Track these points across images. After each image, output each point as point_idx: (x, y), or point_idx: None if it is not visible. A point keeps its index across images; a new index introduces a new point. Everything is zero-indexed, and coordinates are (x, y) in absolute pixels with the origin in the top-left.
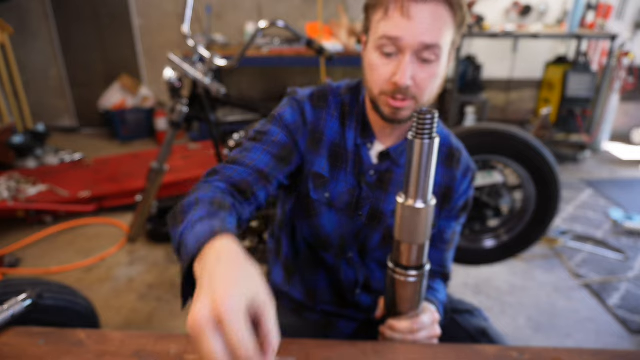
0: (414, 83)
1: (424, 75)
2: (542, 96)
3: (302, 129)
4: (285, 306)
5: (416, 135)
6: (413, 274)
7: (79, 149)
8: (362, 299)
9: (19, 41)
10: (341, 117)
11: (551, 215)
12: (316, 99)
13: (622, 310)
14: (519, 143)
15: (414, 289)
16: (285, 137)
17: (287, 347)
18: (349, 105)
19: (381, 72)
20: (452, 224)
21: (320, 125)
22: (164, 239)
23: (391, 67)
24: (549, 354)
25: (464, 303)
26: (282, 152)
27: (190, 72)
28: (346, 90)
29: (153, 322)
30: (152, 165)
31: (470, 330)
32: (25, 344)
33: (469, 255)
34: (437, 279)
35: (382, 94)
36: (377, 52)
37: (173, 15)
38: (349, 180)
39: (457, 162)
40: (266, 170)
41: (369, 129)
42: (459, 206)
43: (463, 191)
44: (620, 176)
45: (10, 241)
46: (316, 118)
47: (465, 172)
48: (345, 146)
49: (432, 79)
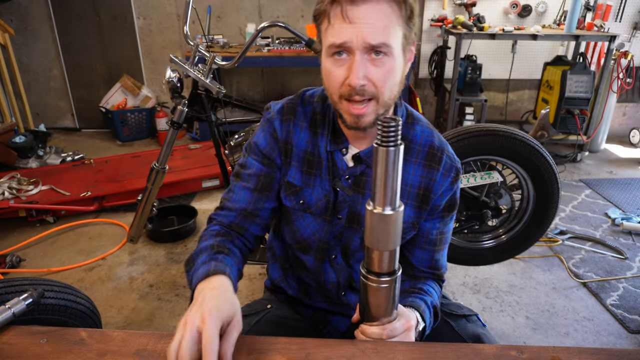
0: (370, 82)
1: (378, 73)
2: (541, 96)
3: (275, 147)
4: (283, 300)
5: (381, 143)
6: (384, 280)
7: (80, 149)
8: (352, 299)
9: (20, 42)
10: (312, 125)
11: (550, 215)
12: (285, 112)
13: (620, 310)
14: (518, 143)
15: (385, 294)
16: (261, 165)
17: (287, 346)
18: (320, 114)
19: (336, 76)
20: (437, 225)
21: (290, 137)
22: (165, 239)
23: (344, 70)
24: (548, 353)
25: (461, 307)
26: (260, 182)
27: (190, 72)
28: (318, 98)
29: (154, 322)
30: (153, 165)
31: (465, 337)
32: (27, 343)
33: (468, 255)
34: (429, 280)
35: (341, 98)
36: (330, 59)
37: (174, 15)
38: (325, 186)
39: (437, 162)
40: (249, 208)
41: (340, 134)
42: (441, 206)
43: (443, 191)
44: (618, 176)
45: (12, 241)
46: (286, 132)
47: (447, 172)
48: (318, 153)
49: (387, 76)
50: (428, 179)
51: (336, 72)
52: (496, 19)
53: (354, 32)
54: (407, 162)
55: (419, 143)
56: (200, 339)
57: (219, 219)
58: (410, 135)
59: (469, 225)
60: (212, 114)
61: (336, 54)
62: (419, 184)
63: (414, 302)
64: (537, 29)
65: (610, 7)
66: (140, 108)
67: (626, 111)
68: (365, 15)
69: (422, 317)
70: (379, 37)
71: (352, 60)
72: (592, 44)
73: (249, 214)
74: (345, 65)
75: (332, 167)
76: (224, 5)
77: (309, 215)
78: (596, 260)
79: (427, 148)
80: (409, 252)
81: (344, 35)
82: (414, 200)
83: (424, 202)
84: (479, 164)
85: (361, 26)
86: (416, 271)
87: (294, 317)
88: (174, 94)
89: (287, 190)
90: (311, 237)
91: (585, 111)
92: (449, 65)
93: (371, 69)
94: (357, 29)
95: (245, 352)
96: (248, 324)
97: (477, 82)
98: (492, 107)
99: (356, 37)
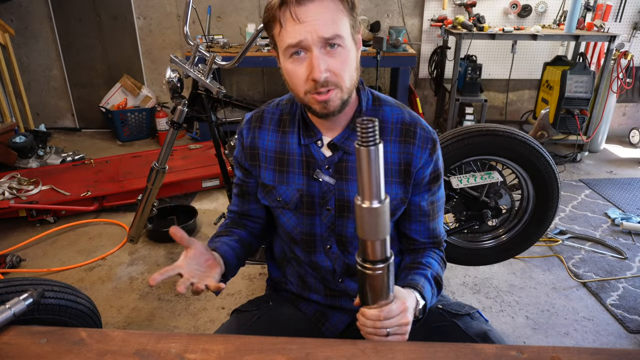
0: (331, 73)
1: (336, 63)
2: (540, 96)
3: (243, 154)
4: (284, 297)
5: (361, 144)
6: (378, 267)
7: (80, 149)
8: (350, 286)
9: (21, 42)
10: (281, 126)
11: (550, 215)
12: (253, 120)
13: (620, 310)
14: (518, 143)
15: (380, 280)
16: (241, 173)
17: (287, 346)
18: (289, 114)
19: (299, 74)
20: (425, 197)
21: (255, 142)
22: (165, 239)
23: (305, 68)
24: (548, 352)
25: (462, 306)
26: (242, 189)
27: (190, 72)
28: (287, 101)
29: (154, 322)
30: (153, 165)
31: (472, 334)
32: (27, 343)
33: (468, 255)
34: (428, 251)
35: (306, 93)
36: (289, 60)
37: (174, 15)
38: (298, 181)
39: (412, 136)
40: (240, 211)
41: (312, 128)
42: (425, 179)
43: (424, 164)
44: (618, 176)
45: (12, 241)
46: (251, 138)
47: (424, 145)
48: (289, 151)
49: (345, 64)
50: (406, 154)
51: (298, 71)
52: (496, 19)
53: (307, 29)
54: (383, 141)
55: (391, 121)
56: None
57: (229, 217)
58: (380, 116)
59: (469, 225)
60: (212, 114)
61: (294, 54)
62: (399, 160)
63: (413, 279)
64: (537, 29)
65: (610, 7)
66: (141, 108)
67: (626, 111)
68: (313, 12)
69: (422, 295)
70: (330, 29)
71: (311, 56)
72: (592, 44)
73: (242, 214)
74: (304, 63)
75: (308, 160)
76: (224, 5)
77: (287, 211)
78: (596, 260)
79: (400, 125)
80: (406, 228)
81: (298, 34)
82: (397, 177)
83: (407, 177)
84: (479, 164)
85: (312, 23)
86: (417, 244)
87: (295, 313)
88: (174, 94)
89: (263, 190)
90: (294, 231)
91: (585, 111)
92: (449, 65)
93: (329, 61)
94: (310, 27)
95: (245, 352)
96: (250, 320)
97: (477, 82)
98: (492, 107)
99: (310, 34)
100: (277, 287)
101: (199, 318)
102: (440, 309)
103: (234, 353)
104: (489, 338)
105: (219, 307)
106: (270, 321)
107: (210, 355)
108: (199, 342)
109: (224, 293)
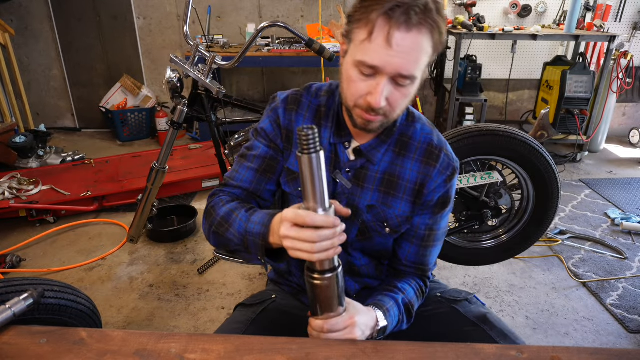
0: (387, 103)
1: (397, 96)
2: (540, 96)
3: (278, 133)
4: (286, 291)
5: (302, 151)
6: (325, 277)
7: (80, 149)
8: (350, 285)
9: (21, 42)
10: (316, 117)
11: (550, 215)
12: (289, 102)
13: (620, 310)
14: (518, 143)
15: (327, 290)
16: (266, 147)
17: (287, 346)
18: (326, 107)
19: (358, 88)
20: (427, 220)
21: (292, 126)
22: (165, 239)
23: (367, 86)
24: (548, 352)
25: (460, 292)
26: (265, 163)
27: (190, 72)
28: (326, 93)
29: (154, 322)
30: (153, 165)
31: (471, 318)
32: (27, 343)
33: (468, 255)
34: (409, 277)
35: (356, 107)
36: (355, 69)
37: (174, 15)
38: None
39: (435, 159)
40: (251, 188)
41: (344, 128)
42: (432, 202)
43: (436, 187)
44: (618, 176)
45: (12, 241)
46: (288, 120)
47: (443, 169)
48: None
49: (404, 99)
50: (424, 175)
51: (359, 85)
52: (496, 19)
53: (390, 60)
54: (405, 157)
55: (418, 140)
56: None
57: (226, 190)
58: (410, 133)
59: (469, 225)
60: (212, 114)
61: (363, 73)
62: (416, 179)
63: (381, 300)
64: (537, 29)
65: (610, 7)
66: (141, 108)
67: (626, 111)
68: (408, 43)
69: (385, 316)
70: (411, 69)
71: (378, 82)
72: (592, 44)
73: (250, 193)
74: (369, 81)
75: (334, 159)
76: (224, 5)
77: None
78: (596, 260)
79: (426, 145)
80: (397, 244)
81: (380, 59)
82: (410, 196)
83: (417, 197)
84: (479, 164)
85: (399, 55)
86: (400, 265)
87: (298, 306)
88: (174, 94)
89: (288, 176)
90: None
91: (585, 111)
92: (449, 65)
93: (392, 93)
94: (395, 58)
95: (245, 352)
96: (254, 313)
97: (477, 82)
98: (492, 107)
99: (390, 66)
100: (280, 282)
101: (199, 318)
102: (439, 296)
103: (234, 353)
104: (488, 320)
105: (218, 307)
106: (275, 313)
107: (210, 355)
108: (199, 342)
109: (224, 293)
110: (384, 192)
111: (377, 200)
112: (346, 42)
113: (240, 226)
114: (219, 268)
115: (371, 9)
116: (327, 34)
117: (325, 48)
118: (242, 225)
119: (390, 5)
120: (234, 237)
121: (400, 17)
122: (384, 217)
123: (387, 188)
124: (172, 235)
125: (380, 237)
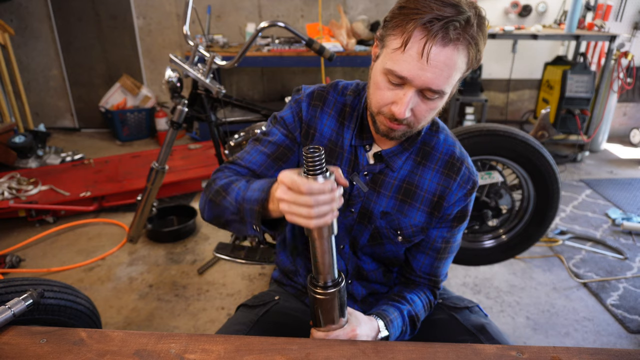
0: (412, 114)
1: (423, 109)
2: (541, 96)
3: (298, 126)
4: (290, 292)
5: (308, 173)
6: (329, 292)
7: (79, 149)
8: (357, 290)
9: (20, 42)
10: (340, 116)
11: (550, 215)
12: (315, 97)
13: (620, 310)
14: (518, 143)
15: (330, 304)
16: (284, 136)
17: (287, 346)
18: (351, 107)
19: (384, 96)
20: (444, 233)
21: (314, 122)
22: (164, 239)
23: (393, 95)
24: (548, 353)
25: (462, 299)
26: (279, 150)
27: (190, 72)
28: (352, 92)
29: (154, 322)
30: (152, 165)
31: (469, 327)
32: (27, 343)
33: (468, 255)
34: (420, 288)
35: (379, 114)
36: (384, 77)
37: (173, 15)
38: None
39: (456, 172)
40: (258, 171)
41: (367, 131)
42: (451, 215)
43: (456, 201)
44: (619, 176)
45: (12, 241)
46: (311, 116)
47: (464, 183)
48: (341, 144)
49: (430, 112)
50: (444, 187)
51: (385, 92)
52: (496, 19)
53: (421, 73)
54: (426, 167)
55: (440, 151)
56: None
57: (232, 168)
58: (432, 142)
59: (470, 225)
60: (212, 114)
61: (391, 82)
62: (435, 190)
63: (385, 310)
64: (537, 28)
65: (611, 7)
66: (140, 108)
67: (627, 111)
68: (439, 59)
69: (387, 326)
70: (441, 84)
71: (405, 93)
72: (593, 43)
73: (257, 176)
74: (396, 90)
75: (353, 161)
76: (224, 5)
77: None
78: (596, 260)
79: (448, 157)
80: (411, 255)
81: (410, 71)
82: (427, 206)
83: (435, 209)
84: (479, 164)
85: (432, 70)
86: (413, 275)
87: (301, 308)
88: (174, 94)
89: None
90: None
91: (585, 111)
92: None
93: (418, 105)
94: (427, 72)
95: (245, 352)
96: (257, 314)
97: (478, 82)
98: (492, 107)
99: (420, 79)
100: (284, 281)
101: (198, 318)
102: (440, 302)
103: (234, 353)
104: (486, 330)
105: (218, 308)
106: (278, 314)
107: (210, 355)
108: (199, 342)
109: (224, 293)
110: (400, 200)
111: (393, 207)
112: (379, 45)
113: (237, 194)
114: (219, 268)
115: (409, 18)
116: (327, 34)
117: (325, 48)
118: (239, 193)
119: (430, 17)
120: (230, 205)
121: (438, 31)
122: (398, 225)
123: (404, 196)
124: (172, 235)
125: (391, 245)
